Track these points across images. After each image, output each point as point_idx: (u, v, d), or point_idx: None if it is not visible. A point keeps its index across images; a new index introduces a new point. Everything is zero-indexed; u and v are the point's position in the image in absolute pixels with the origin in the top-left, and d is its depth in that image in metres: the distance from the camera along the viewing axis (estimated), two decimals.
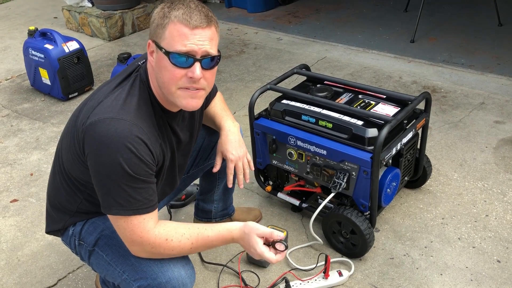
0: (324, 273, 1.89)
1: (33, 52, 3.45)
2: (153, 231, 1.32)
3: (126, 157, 1.25)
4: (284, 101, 2.10)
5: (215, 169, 1.74)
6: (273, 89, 2.16)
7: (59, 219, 1.55)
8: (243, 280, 1.96)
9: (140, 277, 1.39)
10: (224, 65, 3.88)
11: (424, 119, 2.07)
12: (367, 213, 1.97)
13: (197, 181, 2.14)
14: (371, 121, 1.90)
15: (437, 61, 3.70)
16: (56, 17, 5.39)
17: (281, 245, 1.38)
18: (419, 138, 2.16)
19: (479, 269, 1.94)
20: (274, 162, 2.16)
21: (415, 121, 2.04)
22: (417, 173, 2.25)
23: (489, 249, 2.03)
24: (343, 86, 2.16)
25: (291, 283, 1.89)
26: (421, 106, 2.08)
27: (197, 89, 1.35)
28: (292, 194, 2.24)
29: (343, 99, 2.07)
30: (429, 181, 2.38)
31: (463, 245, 2.06)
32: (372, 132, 1.85)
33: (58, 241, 2.18)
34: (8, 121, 3.34)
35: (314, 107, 2.01)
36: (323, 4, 5.18)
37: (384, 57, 3.87)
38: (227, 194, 2.13)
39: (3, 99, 3.65)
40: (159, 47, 1.30)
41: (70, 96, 3.53)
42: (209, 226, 1.41)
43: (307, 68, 2.35)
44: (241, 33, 4.51)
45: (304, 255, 2.06)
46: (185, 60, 1.29)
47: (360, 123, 1.89)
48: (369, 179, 1.86)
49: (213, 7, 5.21)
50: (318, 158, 1.99)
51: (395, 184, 2.04)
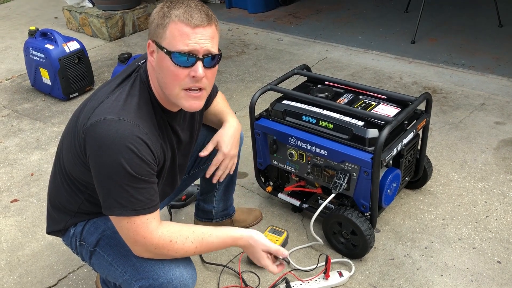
0: (324, 273, 1.89)
1: (34, 52, 3.45)
2: (156, 231, 1.32)
3: (127, 157, 1.25)
4: (284, 102, 2.10)
5: (203, 154, 1.68)
6: (274, 90, 2.16)
7: (60, 220, 1.55)
8: (243, 280, 1.95)
9: (141, 277, 1.39)
10: (224, 66, 3.88)
11: (424, 120, 2.07)
12: (368, 214, 1.97)
13: (198, 182, 2.14)
14: (371, 122, 1.90)
15: (437, 62, 3.70)
16: (56, 17, 5.39)
17: (284, 262, 1.49)
18: (420, 139, 2.16)
19: (479, 270, 1.94)
20: (274, 162, 2.16)
21: (415, 121, 2.04)
22: (417, 174, 2.25)
23: (490, 250, 2.03)
24: (343, 86, 2.16)
25: (292, 284, 1.89)
26: (422, 107, 2.08)
27: (200, 90, 1.35)
28: (292, 194, 2.24)
29: (344, 99, 2.07)
30: (429, 182, 2.38)
31: (464, 246, 2.06)
32: (372, 132, 1.85)
33: (58, 241, 2.18)
34: (8, 121, 3.34)
35: (314, 108, 2.01)
36: (324, 4, 5.19)
37: (384, 57, 3.87)
38: (227, 194, 2.13)
39: (3, 99, 3.65)
40: (160, 47, 1.30)
41: (70, 96, 3.53)
42: (214, 231, 1.42)
43: (308, 68, 2.35)
44: (242, 34, 4.51)
45: (304, 255, 2.06)
46: (187, 59, 1.29)
47: (360, 123, 1.89)
48: (369, 180, 1.86)
49: (214, 8, 5.21)
50: (318, 158, 1.99)
51: (395, 184, 2.04)
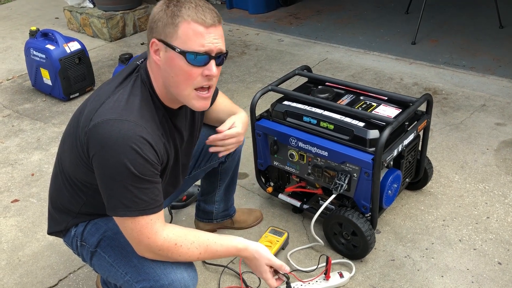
0: (325, 274, 1.89)
1: (35, 52, 3.46)
2: (161, 233, 1.32)
3: (131, 158, 1.24)
4: (285, 102, 2.10)
5: (222, 129, 1.67)
6: (275, 90, 2.16)
7: (61, 221, 1.55)
8: (244, 281, 1.95)
9: (142, 278, 1.39)
10: (225, 66, 3.88)
11: (425, 121, 2.07)
12: (368, 215, 1.97)
13: (198, 182, 2.14)
14: (372, 123, 1.90)
15: (438, 63, 3.70)
16: (57, 18, 5.40)
17: (283, 277, 1.53)
18: (421, 139, 2.16)
19: (480, 271, 1.93)
20: (275, 163, 2.16)
21: (416, 122, 2.04)
22: (418, 174, 2.25)
23: (490, 251, 2.03)
24: (344, 87, 2.16)
25: (292, 285, 1.88)
26: (423, 108, 2.08)
27: (209, 89, 1.37)
28: (293, 195, 2.24)
29: (345, 100, 2.07)
30: (430, 183, 2.38)
31: (464, 247, 2.06)
32: (373, 133, 1.85)
33: (59, 242, 2.18)
34: (9, 121, 3.34)
35: (315, 109, 2.01)
36: (324, 5, 5.19)
37: (385, 58, 3.87)
38: (228, 195, 2.13)
39: (4, 99, 3.65)
40: (171, 46, 1.29)
41: (71, 96, 3.54)
42: (219, 239, 1.42)
43: (309, 69, 2.35)
44: (242, 34, 4.51)
45: (305, 256, 2.06)
46: (203, 58, 1.31)
47: (361, 124, 1.89)
48: (370, 181, 1.86)
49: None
50: (319, 159, 1.99)
51: (396, 185, 2.04)
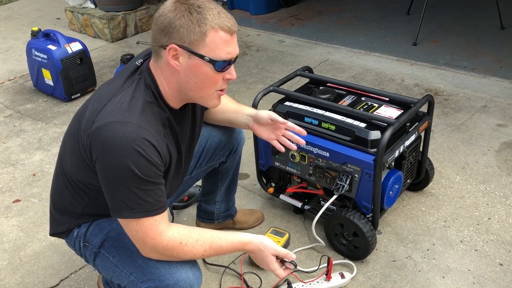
0: (326, 275, 1.89)
1: (36, 53, 3.46)
2: (166, 233, 1.32)
3: (135, 160, 1.24)
4: (287, 103, 2.10)
5: (290, 124, 1.75)
6: (276, 91, 2.16)
7: (63, 222, 1.55)
8: (245, 281, 1.96)
9: (147, 278, 1.39)
10: None
11: (427, 122, 2.08)
12: (370, 216, 1.97)
13: (199, 183, 2.14)
14: (374, 124, 1.90)
15: (439, 64, 3.70)
16: (59, 18, 5.40)
17: (291, 265, 1.48)
18: (422, 140, 2.16)
19: (481, 272, 1.93)
20: (276, 164, 2.16)
21: (418, 123, 2.04)
22: (419, 175, 2.25)
23: (492, 252, 2.03)
24: (346, 88, 2.17)
25: (293, 285, 1.89)
26: (424, 109, 2.08)
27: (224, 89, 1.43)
28: (294, 196, 2.24)
29: (346, 101, 2.07)
30: (431, 184, 2.38)
31: (466, 248, 2.06)
32: (375, 134, 1.86)
33: (60, 242, 2.18)
34: (10, 122, 3.35)
35: (317, 109, 2.02)
36: (326, 6, 5.19)
37: (386, 59, 3.87)
38: (229, 195, 2.14)
39: (6, 100, 3.66)
40: (198, 55, 1.30)
41: (72, 97, 3.54)
42: (222, 235, 1.42)
43: (310, 70, 2.35)
44: (244, 35, 4.52)
45: (306, 257, 2.06)
46: (227, 65, 1.34)
47: (363, 125, 1.89)
48: (371, 182, 1.86)
49: None
50: (320, 160, 1.99)
51: (397, 186, 2.04)
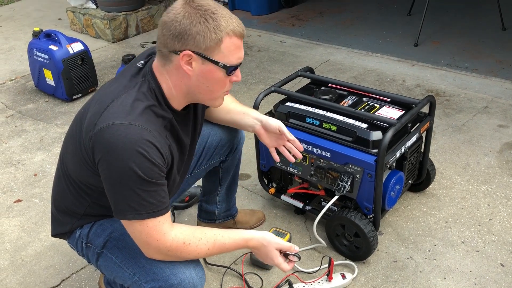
0: (327, 275, 1.89)
1: (38, 53, 3.46)
2: (169, 234, 1.32)
3: (138, 161, 1.25)
4: (288, 104, 2.10)
5: (291, 137, 1.77)
6: (278, 92, 2.16)
7: (65, 222, 1.55)
8: (246, 282, 1.96)
9: (151, 279, 1.39)
10: None
11: (428, 123, 2.07)
12: (371, 216, 1.97)
13: (200, 183, 2.14)
14: (375, 124, 1.90)
15: (440, 65, 3.70)
16: (60, 19, 5.41)
17: (295, 257, 1.49)
18: (423, 141, 2.16)
19: (483, 273, 1.93)
20: (277, 164, 2.16)
21: (419, 124, 2.04)
22: (420, 176, 2.25)
23: (493, 253, 2.02)
24: (347, 89, 2.16)
25: (295, 286, 1.89)
26: (425, 109, 2.08)
27: None
28: (295, 196, 2.24)
29: (347, 102, 2.07)
30: (432, 185, 2.38)
31: (467, 249, 2.05)
32: (376, 135, 1.85)
33: (61, 242, 2.18)
34: (12, 122, 3.35)
35: (318, 110, 2.02)
36: (327, 7, 5.19)
37: (387, 60, 3.87)
38: (230, 195, 2.14)
39: (7, 100, 3.66)
40: (212, 61, 1.31)
41: (74, 97, 3.54)
42: (225, 232, 1.43)
43: (311, 70, 2.35)
44: (245, 36, 4.51)
45: (307, 257, 2.06)
46: (236, 68, 1.37)
47: (364, 126, 1.89)
48: (373, 182, 1.86)
49: None
50: (322, 160, 1.99)
51: (399, 187, 2.04)
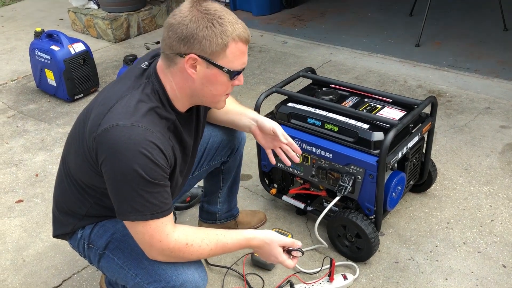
0: (328, 276, 1.89)
1: (39, 53, 3.47)
2: (172, 235, 1.32)
3: (141, 163, 1.25)
4: (290, 104, 2.10)
5: (288, 140, 1.76)
6: (279, 92, 2.16)
7: (67, 223, 1.55)
8: (247, 282, 1.95)
9: (153, 280, 1.39)
10: None
11: (430, 123, 2.07)
12: (372, 217, 1.97)
13: (202, 183, 2.14)
14: (377, 125, 1.90)
15: (442, 66, 3.69)
16: (62, 19, 5.41)
17: (298, 252, 1.49)
18: (425, 142, 2.16)
19: (484, 274, 1.93)
20: (279, 165, 2.16)
21: (421, 125, 2.04)
22: (422, 177, 2.25)
23: (495, 254, 2.02)
24: (349, 89, 2.16)
25: (296, 286, 1.89)
26: (427, 110, 2.07)
27: None
28: (297, 197, 2.24)
29: (349, 102, 2.07)
30: (434, 186, 2.38)
31: (469, 250, 2.05)
32: (378, 135, 1.85)
33: (63, 242, 2.18)
34: (13, 122, 3.35)
35: (320, 110, 2.01)
36: (328, 7, 5.19)
37: (389, 61, 3.87)
38: (231, 195, 2.14)
39: (8, 100, 3.66)
40: (217, 66, 1.32)
41: (75, 97, 3.55)
42: (227, 233, 1.43)
43: (313, 71, 2.35)
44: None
45: (308, 258, 2.06)
46: (239, 73, 1.38)
47: (366, 126, 1.89)
48: (374, 183, 1.86)
49: None
50: (323, 161, 1.99)
51: (400, 188, 2.03)
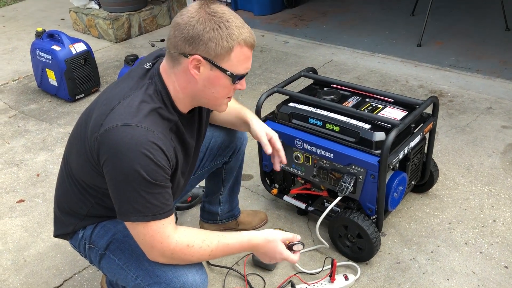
0: (330, 277, 1.89)
1: (41, 53, 3.47)
2: (173, 237, 1.32)
3: (143, 163, 1.24)
4: (291, 104, 2.09)
5: (269, 151, 1.78)
6: (281, 92, 2.16)
7: (68, 223, 1.55)
8: (248, 283, 1.95)
9: (154, 282, 1.39)
10: None
11: (431, 123, 2.07)
12: (374, 217, 1.96)
13: (203, 183, 2.14)
14: (378, 125, 1.89)
15: (444, 65, 3.69)
16: (63, 19, 5.42)
17: (299, 245, 1.49)
18: (426, 142, 2.15)
19: (486, 275, 1.92)
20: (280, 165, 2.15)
21: (422, 125, 2.04)
22: (424, 177, 2.24)
23: (497, 254, 2.01)
24: (350, 89, 2.16)
25: (297, 287, 1.89)
26: (428, 110, 2.07)
27: None
28: (298, 197, 2.23)
29: (350, 102, 2.06)
30: (435, 186, 2.37)
31: (470, 250, 2.04)
32: (379, 135, 1.85)
33: (64, 242, 2.18)
34: (15, 122, 3.35)
35: (321, 110, 2.01)
36: (330, 7, 5.19)
37: (390, 61, 3.86)
38: (232, 195, 2.14)
39: (10, 100, 3.67)
40: (221, 69, 1.32)
41: (76, 97, 3.55)
42: (228, 234, 1.42)
43: (314, 71, 2.35)
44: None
45: (310, 258, 2.06)
46: (242, 77, 1.39)
47: (367, 126, 1.89)
48: (376, 183, 1.85)
49: None
50: (325, 161, 1.98)
51: (402, 188, 2.03)
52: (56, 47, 3.39)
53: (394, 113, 1.96)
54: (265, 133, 1.77)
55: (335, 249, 2.07)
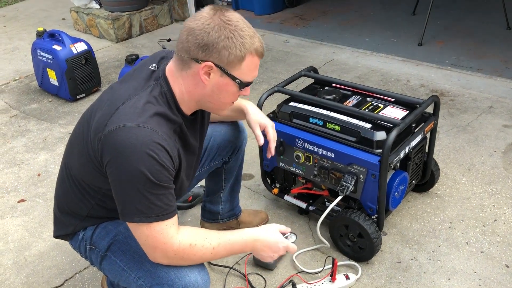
0: (331, 276, 1.89)
1: (41, 53, 3.47)
2: (176, 237, 1.32)
3: (148, 164, 1.24)
4: (291, 104, 2.09)
5: (261, 143, 1.78)
6: (281, 91, 2.15)
7: (68, 224, 1.55)
8: (249, 282, 1.95)
9: (156, 283, 1.39)
10: None
11: (432, 123, 2.06)
12: (375, 217, 1.96)
13: (203, 183, 2.14)
14: (379, 124, 1.89)
15: (445, 65, 3.68)
16: (64, 19, 5.42)
17: (293, 236, 1.57)
18: (427, 141, 2.15)
19: (487, 274, 1.92)
20: (281, 164, 2.15)
21: (423, 124, 2.03)
22: (425, 176, 2.24)
23: (498, 254, 2.01)
24: (351, 89, 2.16)
25: (298, 286, 1.89)
26: (430, 109, 2.06)
27: None
28: (299, 196, 2.24)
29: (351, 101, 2.06)
30: (436, 185, 2.37)
31: (471, 249, 2.04)
32: (380, 135, 1.85)
33: (65, 242, 2.16)
34: (16, 122, 3.36)
35: (322, 110, 2.01)
36: (331, 6, 5.18)
37: (391, 60, 3.86)
38: (233, 194, 2.14)
39: (11, 100, 3.67)
40: (231, 76, 1.33)
41: (77, 97, 3.55)
42: (229, 232, 1.43)
43: (315, 70, 2.35)
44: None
45: (311, 258, 2.06)
46: (249, 85, 1.41)
47: (368, 126, 1.88)
48: (377, 183, 1.85)
49: None
50: (325, 161, 1.98)
51: (403, 187, 2.03)
52: (57, 47, 3.39)
53: (395, 113, 1.96)
54: (258, 124, 1.78)
55: (336, 248, 2.07)
